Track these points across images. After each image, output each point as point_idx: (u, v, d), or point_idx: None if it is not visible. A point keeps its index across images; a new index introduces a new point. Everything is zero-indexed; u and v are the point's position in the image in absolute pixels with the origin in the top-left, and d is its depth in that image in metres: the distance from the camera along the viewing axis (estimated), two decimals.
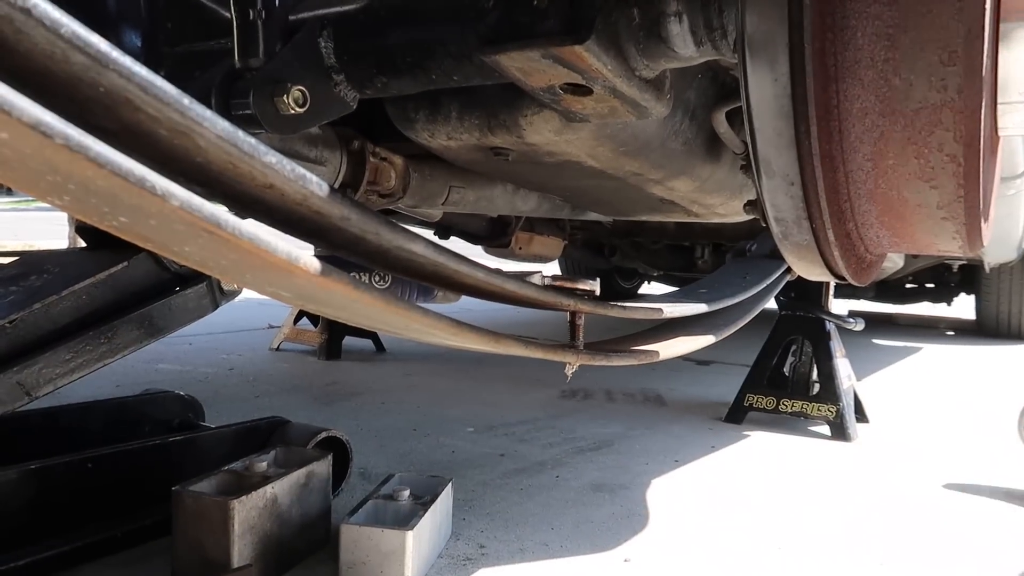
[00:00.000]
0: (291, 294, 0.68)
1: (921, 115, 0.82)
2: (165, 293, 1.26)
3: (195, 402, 1.64)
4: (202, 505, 1.10)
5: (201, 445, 1.42)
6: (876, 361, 3.68)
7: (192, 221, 0.45)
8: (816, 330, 2.31)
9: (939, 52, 0.78)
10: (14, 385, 1.05)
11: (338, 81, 1.08)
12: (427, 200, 1.51)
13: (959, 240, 0.96)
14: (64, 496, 1.18)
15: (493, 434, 2.07)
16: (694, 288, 1.61)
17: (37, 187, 0.41)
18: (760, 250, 1.84)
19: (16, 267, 1.26)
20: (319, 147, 1.25)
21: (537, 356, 1.02)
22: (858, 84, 0.83)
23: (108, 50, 0.40)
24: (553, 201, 1.82)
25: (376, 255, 0.71)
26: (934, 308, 5.05)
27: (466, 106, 1.23)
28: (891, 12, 0.79)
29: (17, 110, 0.34)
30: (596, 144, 1.23)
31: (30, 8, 0.35)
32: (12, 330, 1.06)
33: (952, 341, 4.61)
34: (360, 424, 2.12)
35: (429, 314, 0.76)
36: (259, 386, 2.58)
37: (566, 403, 2.51)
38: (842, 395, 2.21)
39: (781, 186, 0.91)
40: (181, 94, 0.45)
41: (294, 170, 0.55)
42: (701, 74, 1.29)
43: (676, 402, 2.59)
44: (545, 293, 0.99)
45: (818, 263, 1.03)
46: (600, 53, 0.88)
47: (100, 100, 0.41)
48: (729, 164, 1.51)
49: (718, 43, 0.94)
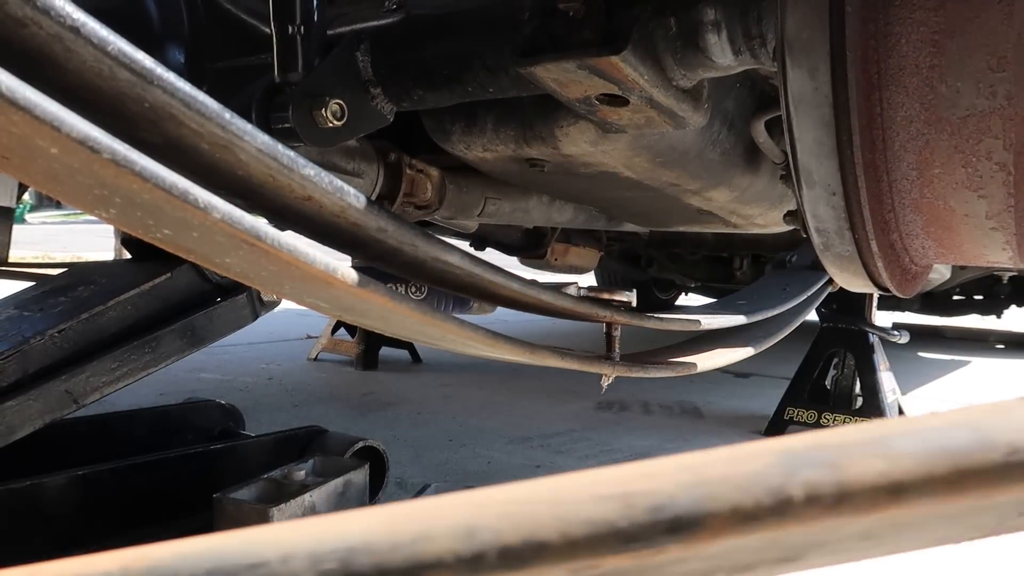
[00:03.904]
0: (329, 305, 0.68)
1: (969, 123, 0.80)
2: (207, 304, 1.28)
3: (236, 411, 1.66)
4: (242, 512, 1.11)
5: (241, 453, 1.44)
6: (922, 375, 3.59)
7: (233, 233, 0.46)
8: (859, 343, 2.26)
9: (987, 58, 0.76)
10: (63, 393, 1.08)
11: (375, 94, 1.09)
12: (463, 212, 1.52)
13: (1009, 251, 0.93)
14: (110, 502, 1.21)
15: (529, 445, 2.06)
16: (732, 299, 1.59)
17: (85, 200, 0.42)
18: (801, 261, 1.81)
19: (64, 278, 1.29)
20: (356, 160, 1.26)
21: (573, 367, 1.01)
22: (902, 92, 0.81)
23: (153, 67, 0.41)
24: (589, 212, 1.81)
25: (412, 266, 0.72)
26: (983, 321, 4.90)
27: (502, 118, 1.23)
28: (937, 18, 0.77)
29: (67, 126, 0.35)
30: (632, 155, 1.22)
31: (79, 27, 0.36)
32: (60, 340, 1.09)
33: (1002, 355, 4.47)
34: (396, 434, 2.13)
35: (465, 325, 0.76)
36: (297, 396, 2.61)
37: (602, 415, 2.49)
38: (886, 410, 2.15)
39: (822, 196, 0.89)
40: (223, 109, 0.45)
41: (332, 182, 0.56)
42: (739, 83, 1.28)
43: (714, 415, 2.55)
44: (581, 304, 0.99)
45: (861, 274, 1.01)
46: (636, 63, 0.88)
47: (145, 115, 0.42)
48: (768, 174, 1.49)
49: (757, 52, 0.93)
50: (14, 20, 0.35)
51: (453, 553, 0.19)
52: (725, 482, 0.21)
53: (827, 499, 0.21)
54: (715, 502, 0.20)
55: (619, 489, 0.21)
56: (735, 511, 0.20)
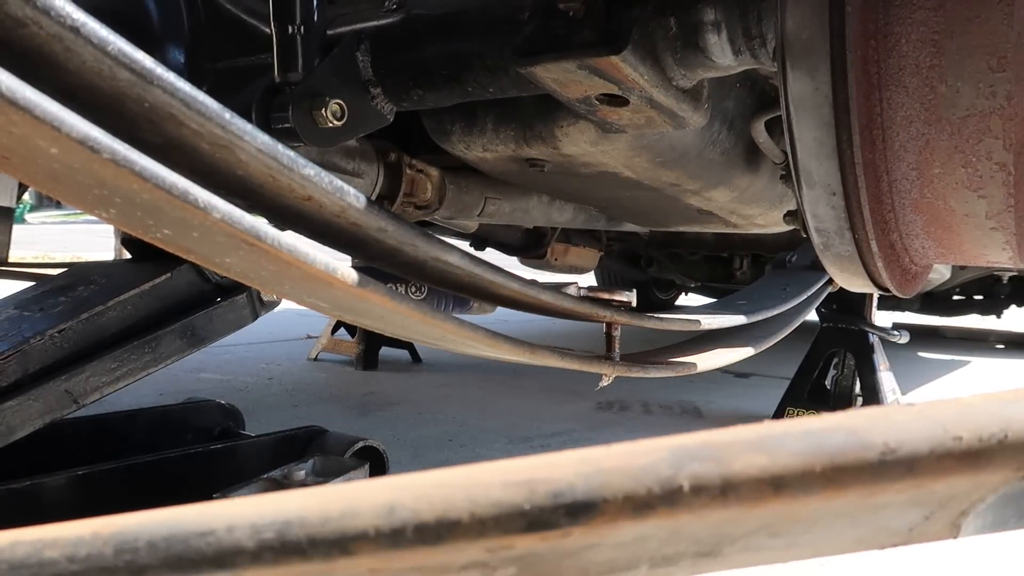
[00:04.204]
0: (329, 304, 0.68)
1: (969, 123, 0.80)
2: (207, 304, 1.28)
3: (235, 411, 1.66)
4: None
5: (241, 453, 1.44)
6: (922, 375, 3.59)
7: (233, 233, 0.46)
8: (859, 342, 2.26)
9: (987, 58, 0.76)
10: (62, 393, 1.08)
11: (375, 94, 1.09)
12: (463, 212, 1.52)
13: (1009, 251, 0.93)
14: (110, 501, 1.21)
15: (529, 445, 2.06)
16: (732, 300, 1.59)
17: (85, 200, 0.42)
18: (800, 261, 1.81)
19: (64, 278, 1.29)
20: (356, 160, 1.26)
21: (573, 367, 1.01)
22: (902, 92, 0.81)
23: (153, 67, 0.41)
24: (589, 212, 1.81)
25: (412, 266, 0.72)
26: (983, 321, 4.90)
27: (502, 118, 1.23)
28: (937, 18, 0.77)
29: (67, 126, 0.35)
30: (632, 155, 1.23)
31: (79, 27, 0.36)
32: (60, 340, 1.09)
33: (1002, 355, 4.47)
34: (397, 434, 2.13)
35: (465, 325, 0.76)
36: (297, 395, 2.61)
37: (602, 415, 2.49)
38: None
39: (822, 196, 0.89)
40: (223, 108, 0.45)
41: (332, 182, 0.56)
42: (739, 83, 1.28)
43: (714, 415, 2.55)
44: (581, 304, 0.99)
45: (861, 274, 1.01)
46: (636, 63, 0.88)
47: (145, 115, 0.42)
48: (768, 174, 1.49)
49: (757, 52, 0.93)
50: (14, 20, 0.35)
51: (375, 528, 0.22)
52: (619, 472, 0.23)
53: (713, 490, 0.23)
54: (609, 489, 0.23)
55: (525, 476, 0.23)
56: (628, 498, 0.23)
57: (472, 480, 0.23)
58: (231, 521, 0.23)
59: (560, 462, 0.24)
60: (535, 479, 0.23)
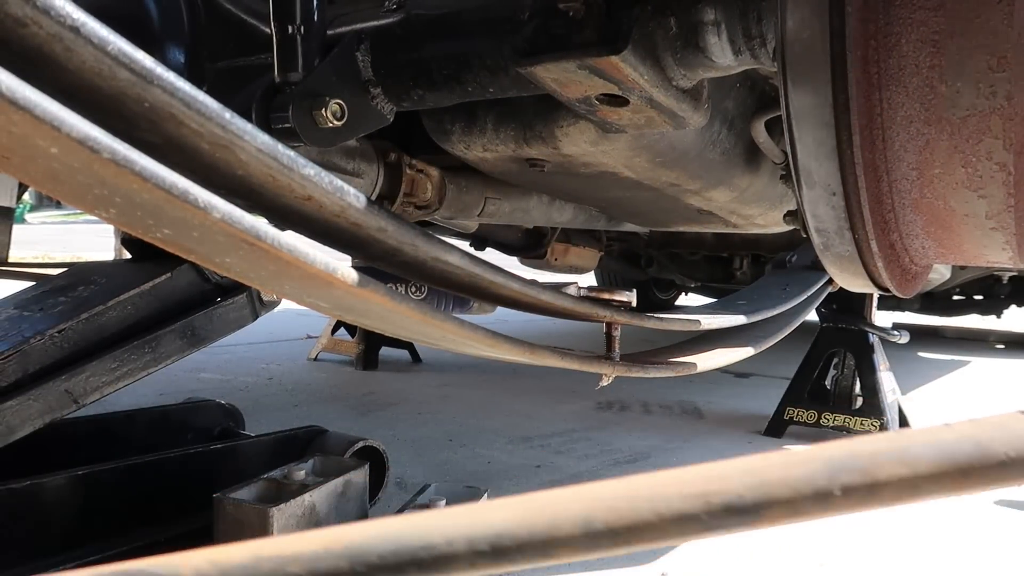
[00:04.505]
0: (329, 304, 0.68)
1: (969, 122, 0.80)
2: (207, 304, 1.28)
3: (235, 411, 1.66)
4: (242, 512, 1.11)
5: (241, 453, 1.44)
6: (922, 375, 3.59)
7: (233, 233, 0.46)
8: (859, 342, 2.26)
9: (988, 57, 0.76)
10: (62, 393, 1.08)
11: (375, 94, 1.09)
12: (463, 212, 1.52)
13: (1009, 251, 0.93)
14: (110, 502, 1.21)
15: (529, 445, 2.06)
16: (732, 300, 1.59)
17: (84, 200, 0.42)
18: (800, 261, 1.81)
19: (64, 278, 1.29)
20: (356, 159, 1.27)
21: (573, 367, 1.01)
22: (902, 92, 0.81)
23: (153, 66, 0.41)
24: (589, 212, 1.81)
25: (413, 266, 0.72)
26: (983, 321, 4.90)
27: (502, 118, 1.23)
28: (937, 18, 0.77)
29: (67, 126, 0.35)
30: (632, 155, 1.23)
31: (79, 27, 0.36)
32: (60, 340, 1.09)
33: (1002, 355, 4.47)
34: (397, 434, 2.13)
35: (465, 325, 0.76)
36: (297, 395, 2.61)
37: (602, 415, 2.49)
38: (886, 410, 2.15)
39: (822, 196, 0.89)
40: (223, 108, 0.46)
41: (332, 182, 0.56)
42: (739, 83, 1.28)
43: (714, 415, 2.55)
44: (581, 304, 0.99)
45: (861, 274, 1.01)
46: (636, 63, 0.88)
47: (145, 115, 0.42)
48: (768, 174, 1.49)
49: (757, 52, 0.93)
50: (14, 20, 0.35)
51: (572, 536, 0.26)
52: (781, 483, 0.27)
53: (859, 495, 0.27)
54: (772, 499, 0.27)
55: (699, 488, 0.27)
56: (787, 504, 0.27)
57: (654, 492, 0.27)
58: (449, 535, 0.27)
59: (727, 473, 0.28)
60: (708, 491, 0.27)
